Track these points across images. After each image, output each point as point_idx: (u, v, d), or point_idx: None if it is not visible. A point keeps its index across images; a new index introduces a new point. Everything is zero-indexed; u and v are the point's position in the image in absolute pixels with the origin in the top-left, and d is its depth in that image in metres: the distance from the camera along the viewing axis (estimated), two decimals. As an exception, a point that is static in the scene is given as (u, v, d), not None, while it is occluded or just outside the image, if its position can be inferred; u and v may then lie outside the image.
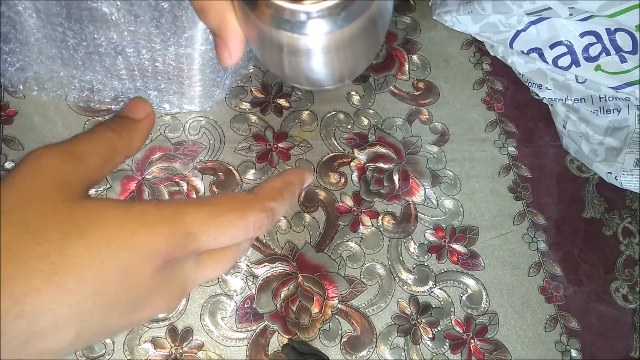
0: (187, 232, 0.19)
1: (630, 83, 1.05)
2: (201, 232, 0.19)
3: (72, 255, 0.17)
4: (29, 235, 0.16)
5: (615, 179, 1.11)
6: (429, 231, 1.04)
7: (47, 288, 0.16)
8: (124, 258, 0.17)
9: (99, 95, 0.97)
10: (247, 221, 0.21)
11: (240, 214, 0.21)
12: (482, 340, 0.97)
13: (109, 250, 0.17)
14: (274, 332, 0.90)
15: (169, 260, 0.19)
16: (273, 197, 0.23)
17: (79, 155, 0.20)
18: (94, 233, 0.17)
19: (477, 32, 1.22)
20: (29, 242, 0.16)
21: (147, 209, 0.19)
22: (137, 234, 0.18)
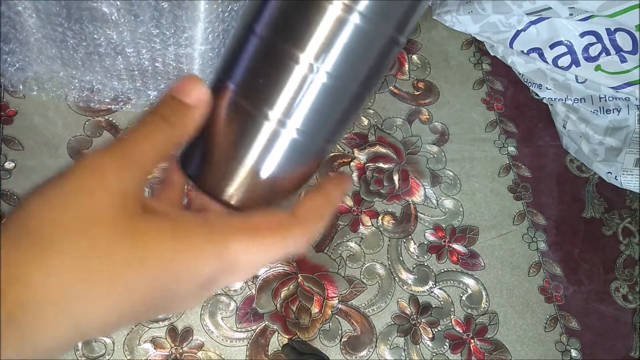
0: (231, 262, 0.20)
1: (630, 83, 1.05)
2: (244, 255, 0.20)
3: (129, 284, 0.18)
4: (95, 259, 0.17)
5: (615, 179, 1.11)
6: (429, 231, 1.04)
7: (103, 315, 0.18)
8: (172, 282, 0.19)
9: (98, 95, 0.97)
10: (287, 246, 0.21)
11: (281, 238, 0.21)
12: (482, 340, 0.97)
13: (162, 277, 0.19)
14: (274, 332, 0.90)
15: (212, 280, 0.20)
16: (314, 218, 0.23)
17: (138, 159, 0.20)
18: (150, 263, 0.18)
19: (477, 32, 1.22)
20: (90, 268, 0.17)
21: (196, 231, 0.19)
22: (186, 262, 0.19)
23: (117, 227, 0.18)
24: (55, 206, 0.18)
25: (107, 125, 0.99)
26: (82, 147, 0.96)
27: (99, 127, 0.98)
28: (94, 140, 0.97)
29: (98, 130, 0.98)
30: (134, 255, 0.18)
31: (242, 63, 0.22)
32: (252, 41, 0.22)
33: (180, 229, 0.19)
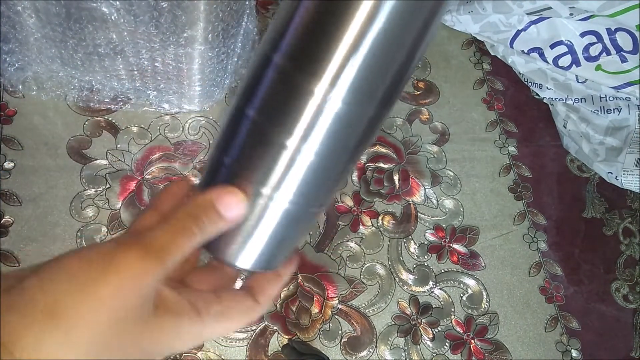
0: (202, 341, 0.25)
1: (630, 83, 1.05)
2: (211, 336, 0.24)
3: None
4: (106, 348, 0.19)
5: (615, 179, 1.11)
6: (429, 231, 1.04)
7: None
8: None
9: (98, 95, 0.97)
10: (246, 324, 0.27)
11: (246, 320, 0.26)
12: (483, 341, 0.97)
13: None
14: (273, 333, 0.90)
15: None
16: (269, 300, 0.27)
17: (162, 258, 0.21)
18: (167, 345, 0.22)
19: (478, 32, 1.22)
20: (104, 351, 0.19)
21: (190, 330, 0.23)
22: (173, 349, 0.22)
23: (133, 328, 0.20)
24: (81, 294, 0.19)
25: (106, 125, 0.99)
26: (81, 147, 0.96)
27: (98, 126, 0.98)
28: (93, 140, 0.97)
29: (97, 130, 0.98)
30: (137, 346, 0.21)
31: (236, 143, 0.25)
32: (244, 123, 0.24)
33: (178, 330, 0.22)
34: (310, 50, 0.22)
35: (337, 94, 0.22)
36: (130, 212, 0.93)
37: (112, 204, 0.93)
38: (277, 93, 0.23)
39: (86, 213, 0.92)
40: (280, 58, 0.22)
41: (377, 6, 0.21)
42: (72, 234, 0.90)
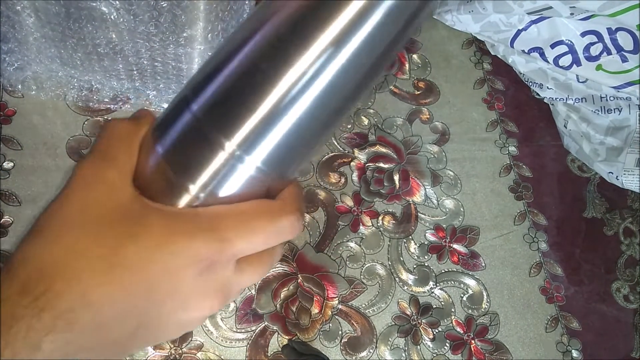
0: (222, 238, 0.21)
1: (631, 82, 1.05)
2: (235, 237, 0.21)
3: (127, 258, 0.19)
4: (91, 240, 0.19)
5: (616, 179, 1.11)
6: (430, 231, 1.04)
7: (106, 283, 0.19)
8: (169, 260, 0.20)
9: (97, 94, 0.97)
10: (278, 225, 0.22)
11: (269, 218, 0.22)
12: (483, 341, 0.97)
13: (156, 253, 0.20)
14: (273, 333, 0.90)
15: (210, 264, 0.21)
16: (298, 200, 0.24)
17: (111, 156, 0.22)
18: (144, 240, 0.20)
19: (478, 32, 1.22)
20: (91, 245, 0.19)
21: (186, 218, 0.21)
22: (180, 241, 0.20)
23: (111, 213, 0.20)
24: (58, 204, 0.20)
25: (106, 125, 0.99)
26: (81, 147, 0.96)
27: (98, 126, 0.98)
28: (93, 140, 0.97)
29: (97, 129, 0.98)
30: (128, 233, 0.20)
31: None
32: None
33: (172, 216, 0.21)
34: (228, 107, 0.21)
35: (252, 160, 0.21)
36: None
37: (112, 204, 0.93)
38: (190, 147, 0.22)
39: (86, 213, 0.92)
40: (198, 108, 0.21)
41: (330, 58, 0.20)
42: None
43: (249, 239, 0.21)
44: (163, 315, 0.21)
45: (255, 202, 0.22)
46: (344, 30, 0.20)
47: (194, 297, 0.21)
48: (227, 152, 0.21)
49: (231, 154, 0.21)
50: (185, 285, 0.21)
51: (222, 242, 0.21)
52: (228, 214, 0.22)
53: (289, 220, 0.22)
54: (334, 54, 0.20)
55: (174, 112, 0.23)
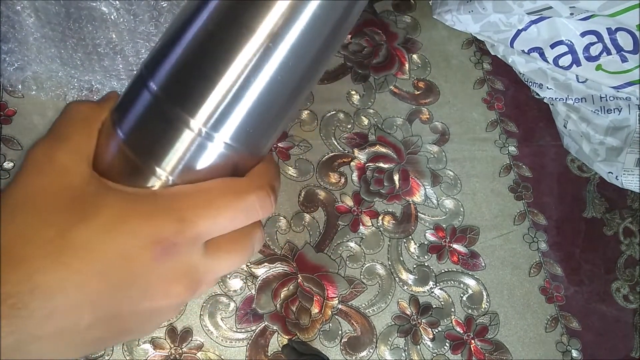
0: (181, 217, 0.19)
1: (631, 83, 1.05)
2: (196, 217, 0.19)
3: (77, 240, 0.18)
4: (39, 223, 0.18)
5: (616, 179, 1.11)
6: (429, 231, 1.04)
7: (54, 267, 0.17)
8: (123, 242, 0.18)
9: (98, 95, 0.97)
10: (245, 202, 0.20)
11: (235, 194, 0.20)
12: (483, 341, 0.97)
13: (109, 235, 0.18)
14: (273, 333, 0.90)
15: (170, 246, 0.19)
16: (269, 176, 0.22)
17: (64, 137, 0.21)
18: (96, 221, 0.18)
19: (478, 32, 1.22)
20: (39, 229, 0.18)
21: (144, 198, 0.20)
22: (134, 221, 0.19)
23: (61, 194, 0.19)
24: (9, 191, 0.19)
25: (106, 125, 0.99)
26: (81, 147, 0.96)
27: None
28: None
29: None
30: (80, 214, 0.18)
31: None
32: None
33: (127, 196, 0.20)
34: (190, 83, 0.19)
35: (220, 137, 0.20)
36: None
37: (112, 204, 0.93)
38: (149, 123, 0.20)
39: (86, 213, 0.92)
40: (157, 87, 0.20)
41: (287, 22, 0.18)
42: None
43: (212, 218, 0.20)
44: (124, 306, 0.19)
45: (219, 179, 0.21)
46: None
47: (156, 283, 0.19)
48: (192, 130, 0.20)
49: (197, 131, 0.20)
50: (144, 270, 0.19)
51: (181, 221, 0.19)
52: (189, 192, 0.20)
53: (257, 196, 0.21)
54: (296, 13, 0.18)
55: (131, 92, 0.21)
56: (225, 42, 0.19)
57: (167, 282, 0.19)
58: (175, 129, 0.20)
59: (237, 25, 0.18)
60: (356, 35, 1.20)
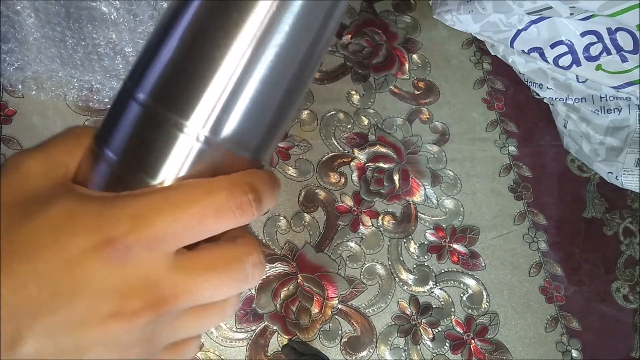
0: (134, 214, 0.16)
1: (631, 82, 1.05)
2: (153, 213, 0.16)
3: (17, 240, 0.16)
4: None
5: (616, 179, 1.11)
6: (429, 231, 1.04)
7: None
8: (66, 242, 0.16)
9: (98, 94, 0.97)
10: (215, 198, 0.17)
11: (203, 191, 0.17)
12: (483, 341, 0.97)
13: (52, 233, 0.16)
14: (273, 333, 0.90)
15: (121, 249, 0.16)
16: (252, 176, 0.19)
17: (41, 147, 0.19)
18: (40, 217, 0.16)
19: (478, 32, 1.22)
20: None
21: (100, 198, 0.17)
22: (81, 220, 0.16)
23: (20, 197, 0.17)
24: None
25: (106, 125, 0.99)
26: (81, 147, 0.96)
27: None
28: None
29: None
30: (27, 213, 0.17)
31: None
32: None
33: (87, 196, 0.18)
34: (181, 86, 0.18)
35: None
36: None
37: (112, 204, 0.93)
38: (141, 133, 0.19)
39: (86, 213, 0.92)
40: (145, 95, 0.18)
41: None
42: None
43: (172, 215, 0.16)
44: (70, 322, 0.16)
45: (191, 180, 0.18)
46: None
47: (105, 295, 0.16)
48: (188, 135, 0.18)
49: (194, 136, 0.18)
50: (91, 277, 0.16)
51: (134, 218, 0.16)
52: (152, 191, 0.17)
53: (230, 193, 0.17)
54: (285, 5, 0.17)
55: (116, 107, 0.19)
56: (216, 37, 0.18)
57: (119, 294, 0.16)
58: (170, 137, 0.18)
59: (227, 19, 0.17)
60: (356, 35, 1.20)
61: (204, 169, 0.19)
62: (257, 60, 0.18)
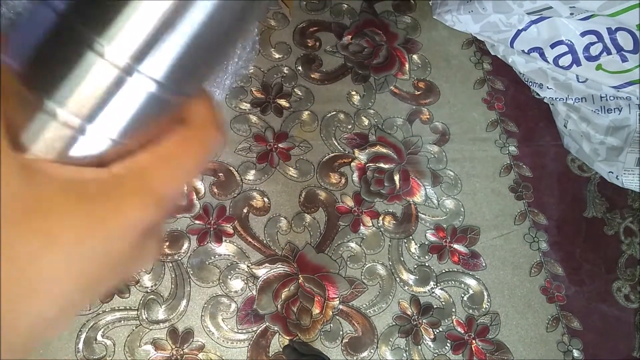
0: (157, 196, 0.16)
1: (631, 82, 1.05)
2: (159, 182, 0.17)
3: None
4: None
5: (616, 179, 1.11)
6: (430, 231, 1.04)
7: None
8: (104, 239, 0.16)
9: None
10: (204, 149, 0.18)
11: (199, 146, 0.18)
12: (484, 341, 0.97)
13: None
14: (274, 333, 0.90)
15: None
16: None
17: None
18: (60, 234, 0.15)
19: (478, 32, 1.22)
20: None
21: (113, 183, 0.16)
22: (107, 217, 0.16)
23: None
24: None
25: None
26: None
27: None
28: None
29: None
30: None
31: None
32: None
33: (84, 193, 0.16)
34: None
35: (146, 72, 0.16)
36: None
37: (113, 205, 0.93)
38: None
39: (87, 214, 0.92)
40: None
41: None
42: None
43: (173, 176, 0.17)
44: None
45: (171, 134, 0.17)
46: None
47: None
48: (109, 62, 0.15)
49: (112, 60, 0.15)
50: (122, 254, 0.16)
51: (158, 201, 0.16)
52: (153, 158, 0.17)
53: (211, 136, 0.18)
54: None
55: (27, 15, 0.16)
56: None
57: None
58: (83, 57, 0.15)
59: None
60: (356, 36, 1.20)
61: (126, 102, 0.16)
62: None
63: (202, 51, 0.16)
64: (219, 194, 0.98)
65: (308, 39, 1.18)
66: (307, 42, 1.17)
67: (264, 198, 1.00)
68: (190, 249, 0.93)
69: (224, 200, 0.98)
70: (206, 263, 0.92)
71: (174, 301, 0.89)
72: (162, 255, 0.92)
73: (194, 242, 0.93)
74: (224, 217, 0.96)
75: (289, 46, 1.15)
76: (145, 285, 0.89)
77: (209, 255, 0.93)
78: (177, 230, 0.94)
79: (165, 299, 0.89)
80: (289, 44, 1.16)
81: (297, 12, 1.20)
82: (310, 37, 1.18)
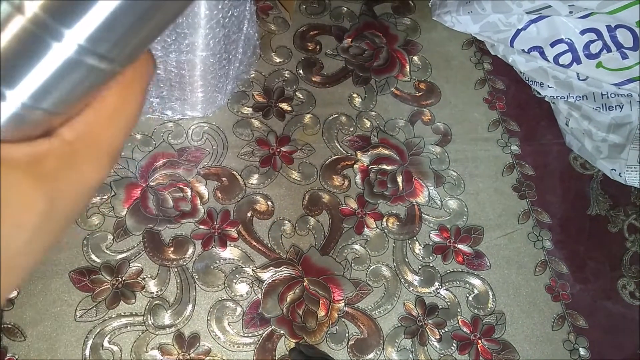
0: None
1: (632, 79, 1.05)
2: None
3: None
4: None
5: (619, 176, 1.11)
6: (434, 232, 1.04)
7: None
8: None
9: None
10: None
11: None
12: (490, 341, 0.97)
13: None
14: (280, 337, 0.90)
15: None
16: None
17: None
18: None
19: (477, 32, 1.22)
20: None
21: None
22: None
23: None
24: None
25: (110, 133, 0.99)
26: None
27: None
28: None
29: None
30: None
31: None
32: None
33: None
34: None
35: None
36: (135, 219, 0.93)
37: (118, 212, 0.94)
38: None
39: (92, 221, 0.92)
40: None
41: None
42: (78, 242, 0.90)
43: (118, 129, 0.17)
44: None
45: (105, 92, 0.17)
46: None
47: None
48: (31, 21, 0.13)
49: (33, 19, 0.13)
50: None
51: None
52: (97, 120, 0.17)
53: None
54: None
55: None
56: None
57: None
58: (6, 19, 0.13)
59: None
60: (356, 39, 1.21)
61: (53, 70, 0.14)
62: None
63: (132, 17, 0.15)
64: (223, 198, 0.99)
65: (308, 42, 1.18)
66: (308, 45, 1.18)
67: (268, 202, 1.00)
68: (195, 253, 0.93)
69: (228, 204, 0.98)
70: (211, 267, 0.93)
71: (179, 306, 0.89)
72: (167, 261, 0.92)
73: (199, 247, 0.94)
74: (228, 221, 0.96)
75: (289, 50, 1.16)
76: (150, 290, 0.90)
77: (214, 260, 0.93)
78: (181, 235, 0.94)
79: (171, 304, 0.89)
80: (289, 48, 1.16)
81: (297, 16, 1.21)
82: (311, 41, 1.19)
